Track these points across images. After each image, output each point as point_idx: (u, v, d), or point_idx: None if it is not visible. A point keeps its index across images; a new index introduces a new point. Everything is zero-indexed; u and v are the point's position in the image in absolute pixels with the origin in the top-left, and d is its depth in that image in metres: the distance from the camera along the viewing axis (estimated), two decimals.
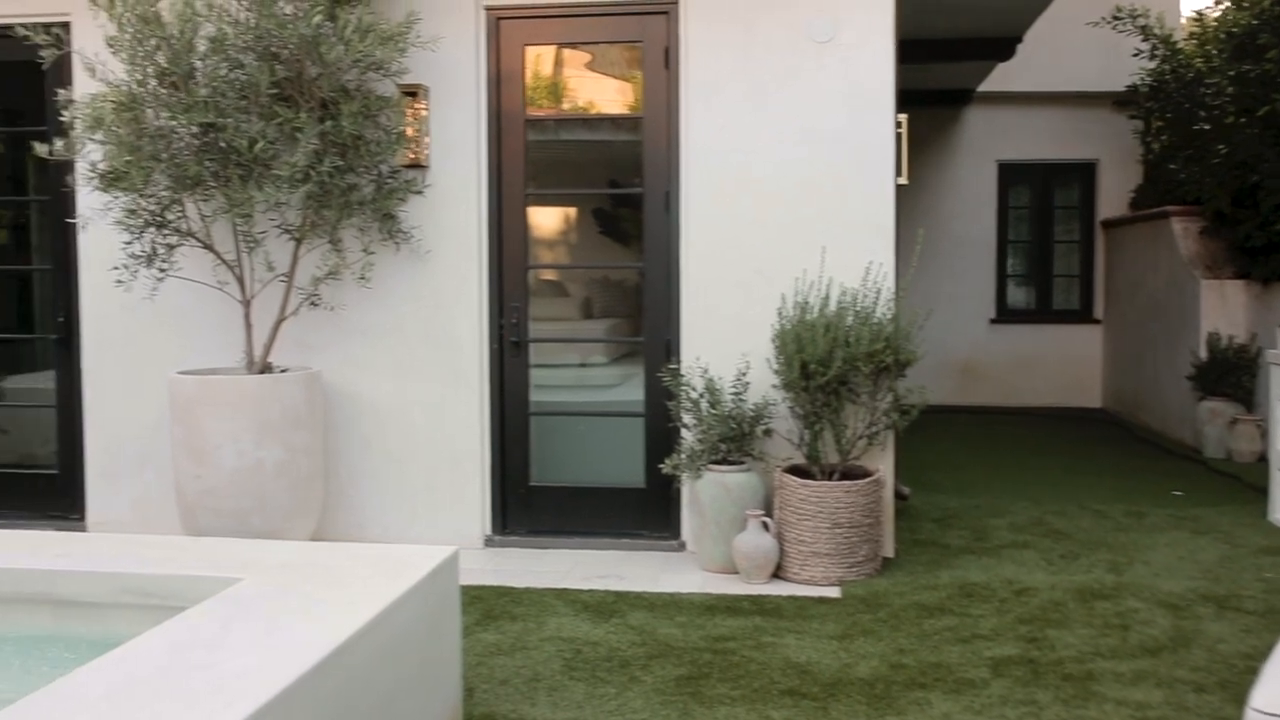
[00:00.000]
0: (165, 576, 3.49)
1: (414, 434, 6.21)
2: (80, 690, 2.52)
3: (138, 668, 2.66)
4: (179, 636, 2.90)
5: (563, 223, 6.63)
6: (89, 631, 3.50)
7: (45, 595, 3.54)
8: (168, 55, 5.35)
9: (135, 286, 6.08)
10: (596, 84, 6.46)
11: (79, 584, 3.53)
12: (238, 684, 2.51)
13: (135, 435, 6.44)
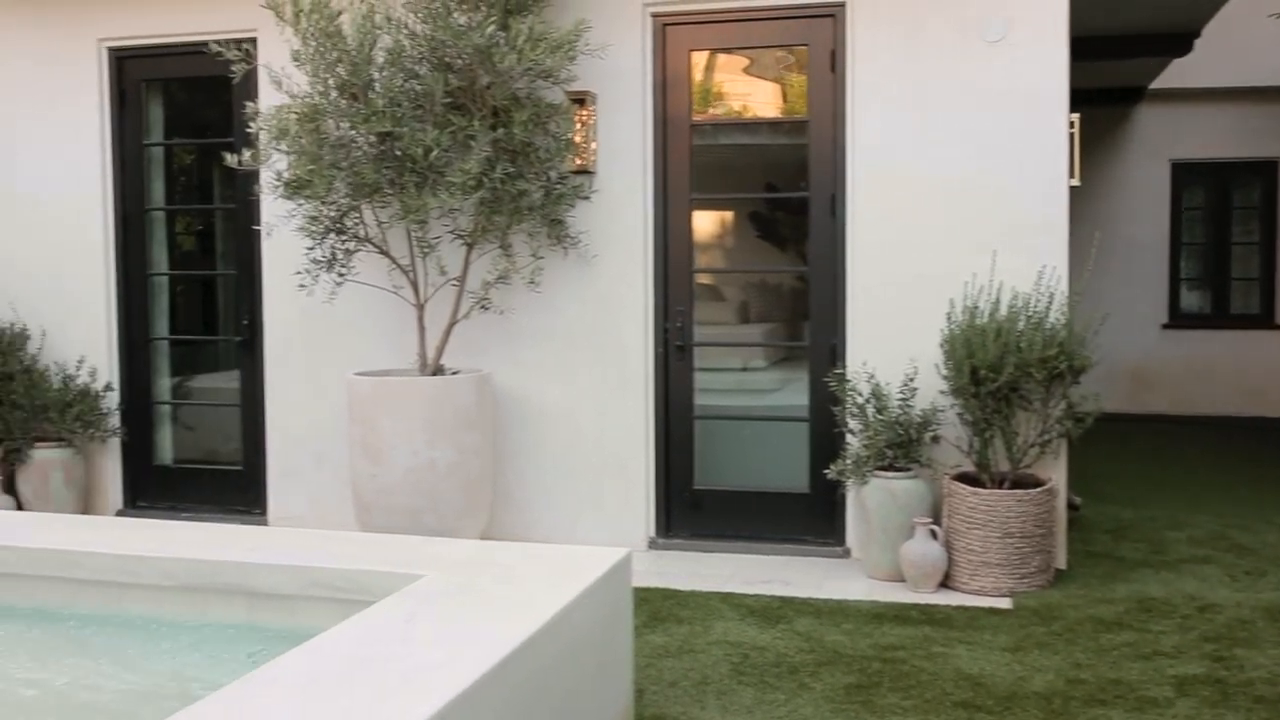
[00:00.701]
0: (351, 571, 3.61)
1: (580, 436, 6.30)
2: (281, 679, 2.62)
3: (332, 659, 2.76)
4: (368, 630, 3.00)
5: (719, 227, 6.65)
6: (279, 622, 3.64)
7: (240, 586, 3.69)
8: (348, 68, 5.54)
9: (315, 290, 6.31)
10: (756, 88, 6.47)
11: (271, 576, 3.67)
12: (426, 678, 2.58)
13: (313, 434, 6.68)
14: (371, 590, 3.47)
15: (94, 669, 3.52)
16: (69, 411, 6.91)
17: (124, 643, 3.68)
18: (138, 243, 7.18)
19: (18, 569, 3.90)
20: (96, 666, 3.54)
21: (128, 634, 3.70)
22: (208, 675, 3.43)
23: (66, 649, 3.66)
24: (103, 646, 3.67)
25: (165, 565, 3.74)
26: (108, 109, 7.10)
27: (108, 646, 3.67)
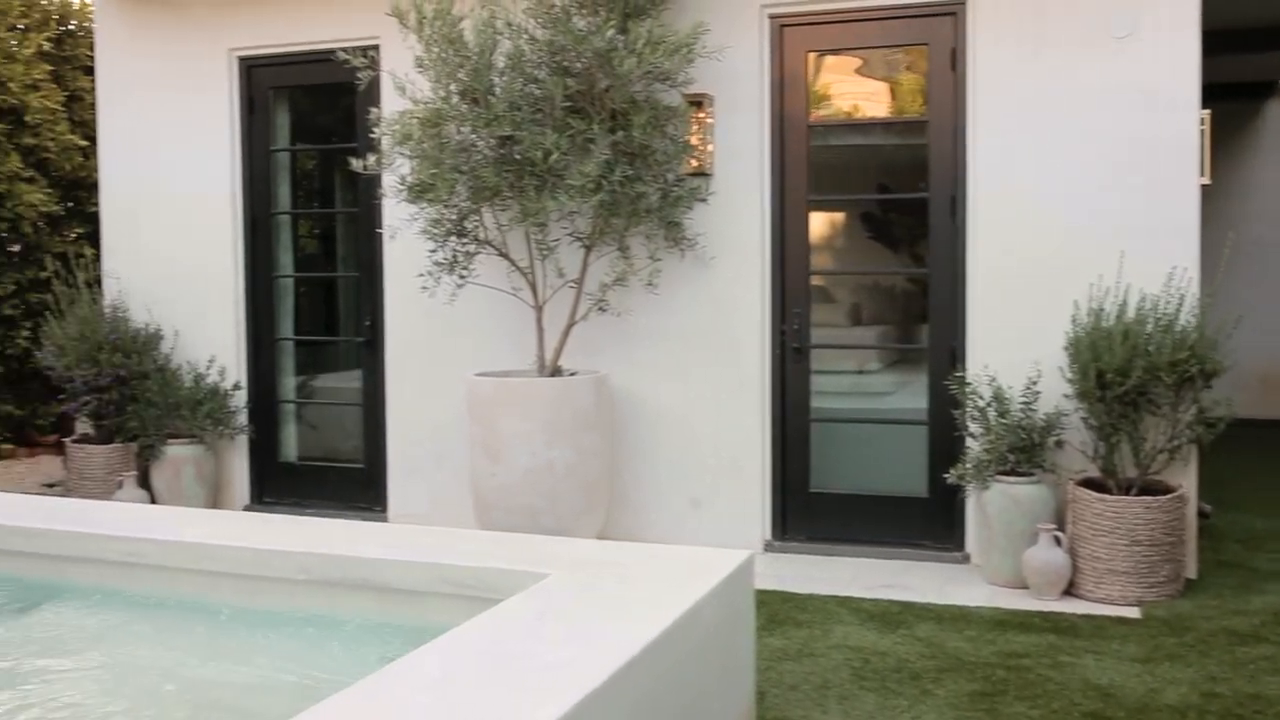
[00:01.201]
0: (479, 569, 3.66)
1: (695, 437, 6.32)
2: (415, 674, 2.68)
3: (464, 655, 2.80)
4: (498, 627, 3.04)
5: (829, 228, 6.60)
6: (408, 617, 3.71)
7: (370, 582, 3.77)
8: (469, 73, 5.63)
9: (437, 292, 6.41)
10: (869, 88, 6.41)
11: (401, 572, 3.75)
12: (557, 676, 2.61)
13: (433, 433, 6.80)
14: (498, 588, 3.52)
15: (230, 661, 3.63)
16: (200, 409, 7.13)
17: (259, 635, 3.78)
18: (265, 245, 7.38)
19: (157, 561, 4.03)
20: (233, 658, 3.65)
21: (262, 627, 3.80)
22: (340, 668, 3.51)
23: (203, 641, 3.77)
24: (239, 639, 3.78)
25: (300, 560, 3.84)
26: (237, 116, 7.31)
27: (243, 639, 3.77)
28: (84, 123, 10.03)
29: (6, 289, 9.37)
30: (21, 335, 9.51)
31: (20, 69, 9.26)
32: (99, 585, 4.06)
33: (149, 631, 3.89)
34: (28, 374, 9.68)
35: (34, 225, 9.49)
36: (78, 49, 10.10)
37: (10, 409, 9.63)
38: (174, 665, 3.60)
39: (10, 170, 9.18)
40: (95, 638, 3.85)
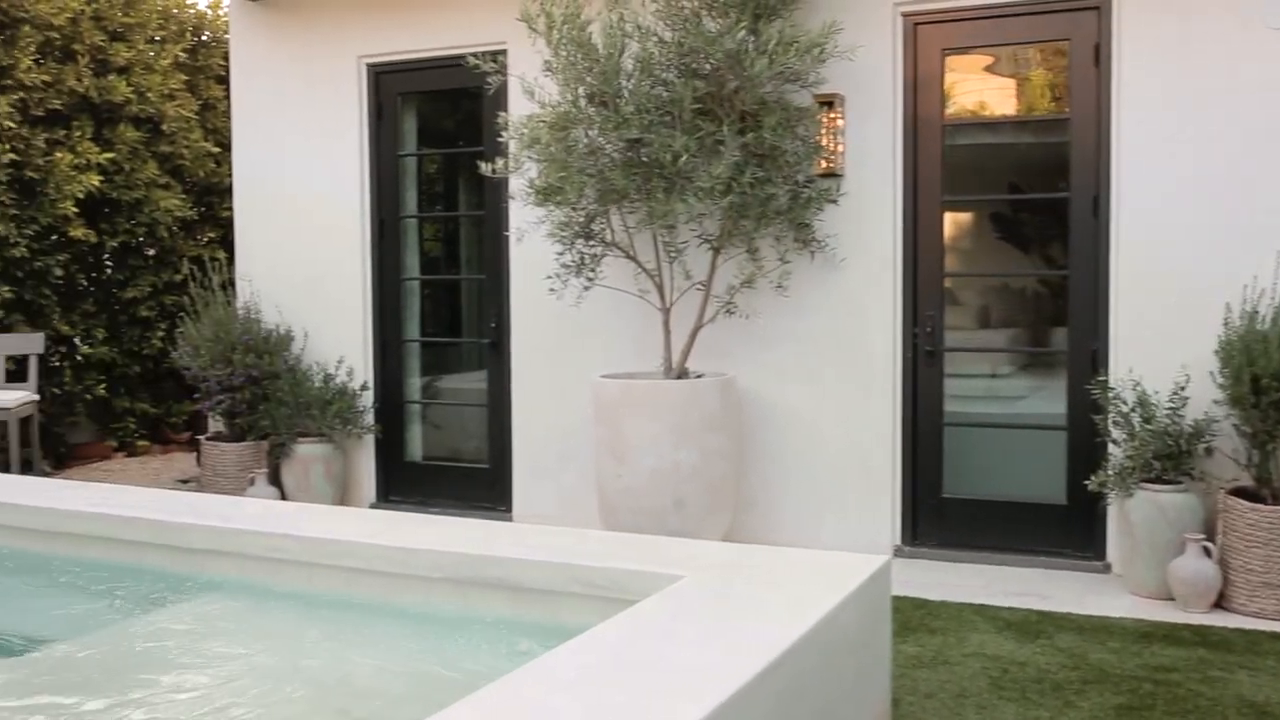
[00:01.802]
0: (611, 569, 3.63)
1: (824, 441, 6.23)
2: (553, 673, 2.66)
3: (600, 656, 2.78)
4: (633, 629, 3.01)
5: (955, 229, 6.45)
6: (541, 617, 3.70)
7: (504, 581, 3.77)
8: (598, 76, 5.62)
9: (564, 294, 6.43)
10: (997, 85, 6.26)
11: (534, 572, 3.74)
12: (695, 679, 2.57)
13: (558, 435, 6.82)
14: (630, 589, 3.49)
15: (368, 656, 3.66)
16: (329, 409, 7.25)
17: (394, 632, 3.81)
18: (392, 248, 7.49)
19: (297, 556, 4.09)
20: (371, 654, 3.68)
21: (399, 623, 3.83)
22: (474, 665, 3.52)
23: (342, 635, 3.81)
24: (376, 634, 3.81)
25: (434, 558, 3.85)
26: (366, 121, 7.43)
27: (380, 635, 3.81)
28: (216, 130, 10.31)
29: (143, 291, 9.66)
30: (157, 336, 9.80)
31: (158, 79, 9.55)
32: (240, 579, 4.13)
33: (288, 626, 3.95)
34: (163, 373, 9.98)
35: (169, 230, 9.77)
36: (211, 59, 10.38)
37: (146, 407, 9.93)
38: (313, 659, 3.64)
39: (147, 177, 9.47)
40: (236, 631, 3.92)
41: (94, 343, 9.37)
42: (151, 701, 3.22)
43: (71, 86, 8.90)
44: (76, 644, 3.73)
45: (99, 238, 9.30)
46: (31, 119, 8.69)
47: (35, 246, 8.72)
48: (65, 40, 8.97)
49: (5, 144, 8.36)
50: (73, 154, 8.81)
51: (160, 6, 9.90)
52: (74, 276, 9.29)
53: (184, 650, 3.68)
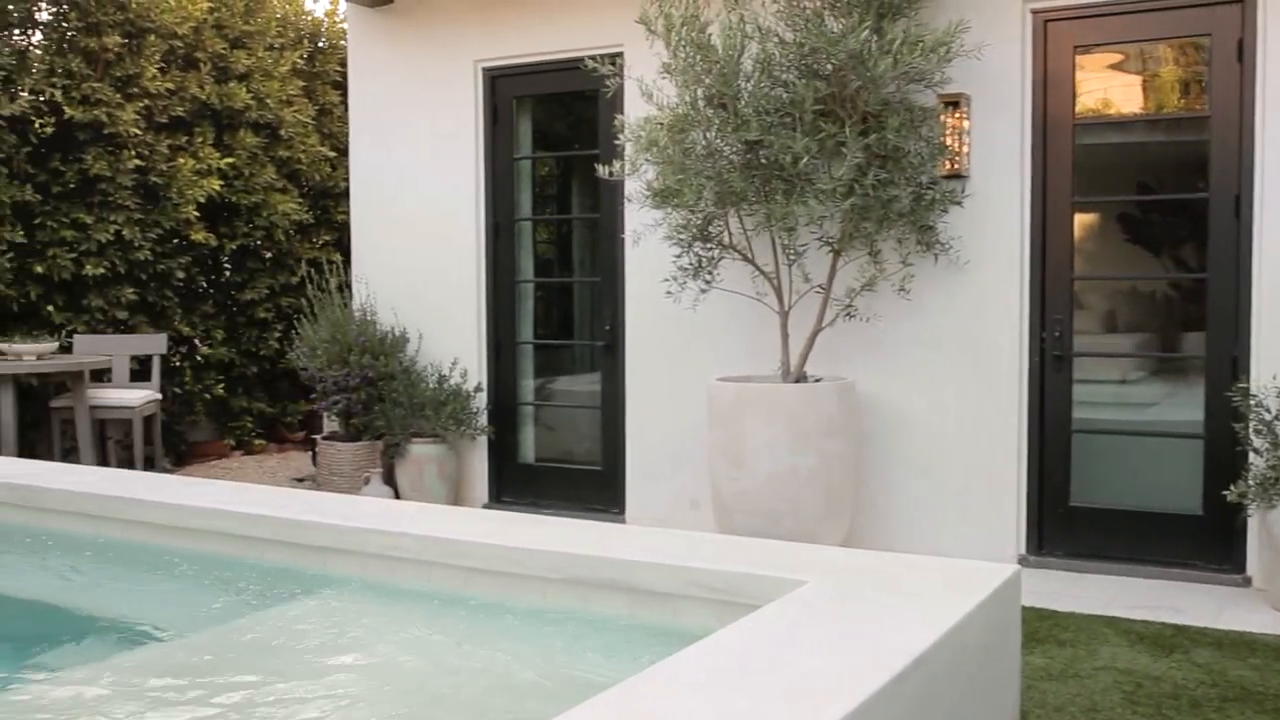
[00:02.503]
0: (731, 573, 3.57)
1: (946, 446, 6.09)
2: (678, 676, 2.60)
3: (726, 660, 2.72)
4: (757, 633, 2.94)
5: (1080, 230, 6.25)
6: (659, 620, 3.65)
7: (622, 583, 3.73)
8: (717, 78, 5.56)
9: (681, 297, 6.38)
10: (1124, 82, 6.06)
11: (651, 574, 3.69)
12: (822, 685, 2.50)
13: (671, 437, 6.77)
14: (750, 593, 3.42)
15: (487, 655, 3.65)
16: (443, 410, 7.29)
17: (512, 631, 3.79)
18: (506, 251, 7.51)
19: (415, 555, 4.09)
20: (490, 653, 3.66)
21: (517, 623, 3.81)
22: (594, 667, 3.49)
23: (460, 634, 3.81)
24: (493, 634, 3.79)
25: (553, 559, 3.82)
26: (481, 125, 7.47)
27: (497, 634, 3.79)
28: (332, 135, 10.48)
29: (260, 293, 9.85)
30: (273, 337, 9.99)
31: (276, 85, 9.73)
32: (360, 577, 4.14)
33: (406, 624, 3.95)
34: (278, 374, 10.16)
35: (285, 233, 9.95)
36: (327, 65, 10.56)
37: (263, 407, 10.12)
38: (432, 657, 3.65)
39: (266, 181, 9.66)
40: (355, 628, 3.93)
41: (213, 343, 9.58)
42: (270, 695, 3.25)
43: (194, 93, 9.11)
44: (200, 637, 3.78)
45: (219, 241, 9.50)
46: (156, 125, 8.91)
47: (158, 250, 8.94)
48: (188, 48, 9.19)
49: (131, 150, 8.58)
50: (195, 159, 9.02)
51: (279, 14, 10.10)
52: (194, 279, 9.51)
53: (303, 646, 3.70)
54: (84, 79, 8.34)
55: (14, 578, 4.49)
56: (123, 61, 8.60)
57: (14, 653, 3.73)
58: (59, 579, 4.45)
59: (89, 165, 8.34)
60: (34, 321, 8.38)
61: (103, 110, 8.35)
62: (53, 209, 8.33)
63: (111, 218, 8.51)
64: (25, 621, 4.14)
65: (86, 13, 8.39)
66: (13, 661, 3.61)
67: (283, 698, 3.23)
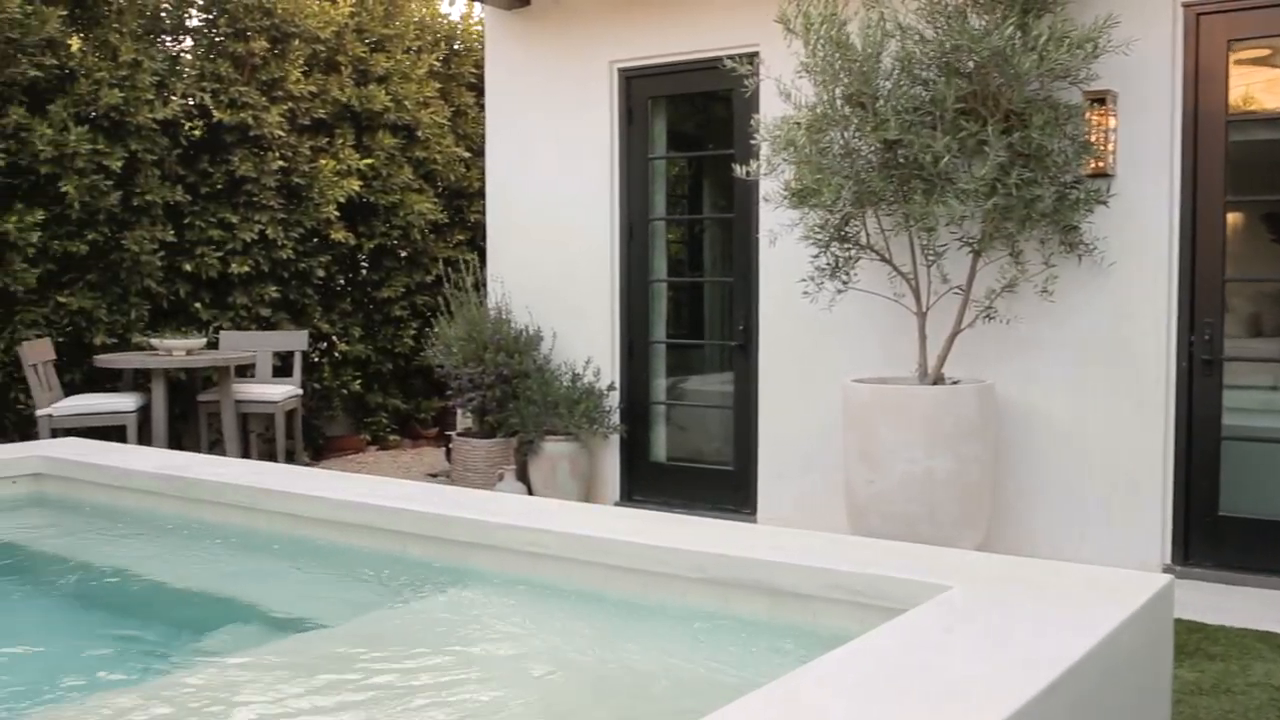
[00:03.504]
0: (874, 576, 3.54)
1: (1087, 452, 5.95)
2: (827, 679, 2.60)
3: (875, 663, 2.70)
4: (904, 638, 2.92)
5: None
6: (800, 621, 3.64)
7: (763, 583, 3.73)
8: (856, 77, 5.52)
9: (818, 297, 6.35)
10: (1270, 77, 5.85)
11: (795, 576, 3.68)
12: (973, 692, 2.47)
13: (803, 438, 6.74)
14: (894, 597, 3.40)
15: (629, 652, 3.68)
16: (576, 408, 7.36)
17: (653, 630, 3.82)
18: (640, 251, 7.56)
19: (556, 551, 4.14)
20: (628, 651, 3.69)
21: (656, 621, 3.83)
22: (736, 667, 3.50)
23: (602, 631, 3.84)
24: (634, 632, 3.82)
25: (695, 558, 3.84)
26: (616, 125, 7.52)
27: (638, 632, 3.82)
28: (467, 136, 10.66)
29: (396, 292, 10.06)
30: (408, 334, 10.19)
31: (414, 88, 9.93)
32: (500, 573, 4.21)
33: (547, 620, 4.00)
34: (412, 371, 10.37)
35: (421, 232, 10.14)
36: (462, 67, 10.74)
37: (397, 403, 10.34)
38: (573, 653, 3.68)
39: (403, 181, 9.86)
40: (496, 622, 3.99)
41: (350, 340, 9.81)
42: (417, 685, 3.31)
43: (335, 96, 9.35)
44: (347, 627, 3.88)
45: (357, 240, 9.73)
46: (299, 128, 9.16)
47: (300, 248, 9.19)
48: (330, 52, 9.43)
49: (275, 152, 8.83)
50: (335, 160, 9.25)
51: (417, 18, 10.30)
52: (333, 277, 9.75)
53: (446, 639, 3.77)
54: (232, 83, 8.61)
55: (170, 566, 4.66)
56: (268, 66, 8.86)
57: (171, 639, 3.88)
58: (212, 568, 4.61)
59: (236, 166, 8.62)
60: (182, 318, 8.69)
61: (249, 113, 8.62)
62: (201, 209, 8.62)
63: (256, 217, 8.77)
64: (182, 608, 4.29)
65: (235, 19, 8.67)
66: (170, 647, 3.76)
67: (429, 688, 3.30)
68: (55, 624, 3.95)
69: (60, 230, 7.82)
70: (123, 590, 4.37)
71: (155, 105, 8.11)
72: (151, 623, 4.11)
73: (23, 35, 7.42)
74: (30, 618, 3.87)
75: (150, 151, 8.18)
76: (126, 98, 7.94)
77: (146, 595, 4.37)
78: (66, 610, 4.14)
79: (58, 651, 3.61)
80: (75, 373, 8.14)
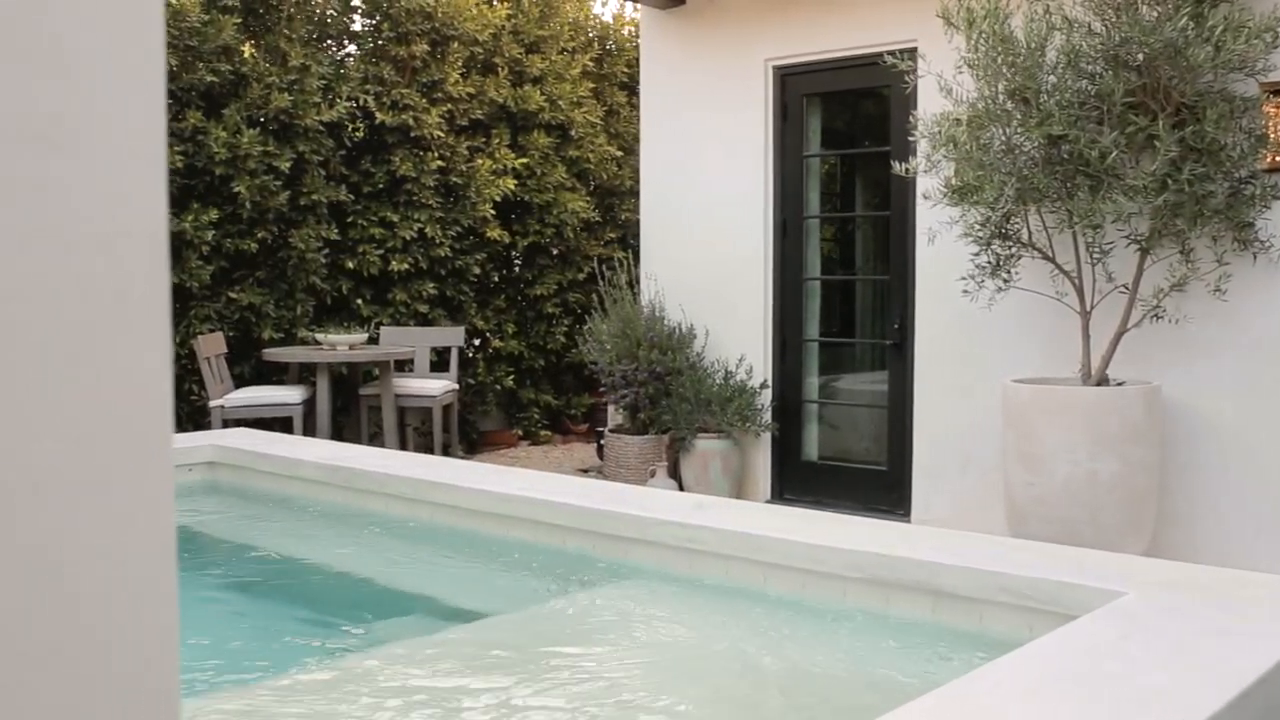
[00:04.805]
0: (1043, 580, 3.48)
1: (1262, 458, 5.74)
2: (1005, 682, 2.57)
3: (1050, 669, 2.66)
4: (1080, 644, 2.87)
5: None
6: (964, 624, 3.60)
7: (925, 585, 3.70)
8: (1020, 72, 5.42)
9: (978, 296, 6.25)
10: None
11: (958, 578, 3.64)
12: (1156, 701, 2.42)
13: (959, 438, 6.64)
14: (1064, 603, 3.34)
15: (785, 652, 3.68)
16: (729, 406, 7.38)
17: (812, 628, 3.82)
18: (794, 249, 7.53)
19: (714, 548, 4.17)
20: (787, 649, 3.70)
21: (815, 620, 3.83)
22: (896, 669, 3.48)
23: (758, 630, 3.85)
24: (792, 631, 3.83)
25: (855, 557, 3.83)
26: (771, 123, 7.51)
27: (797, 631, 3.82)
28: (619, 135, 10.76)
29: (549, 289, 10.21)
30: (560, 331, 10.33)
31: (567, 88, 10.07)
32: (658, 568, 4.26)
33: (705, 616, 4.03)
34: (563, 367, 10.51)
35: (574, 230, 10.28)
36: (615, 66, 10.85)
37: (549, 399, 10.49)
38: (730, 650, 3.71)
39: (556, 180, 10.00)
40: (654, 617, 4.04)
41: (504, 336, 9.99)
42: (579, 677, 3.37)
43: (492, 97, 9.53)
44: (509, 618, 3.97)
45: (511, 238, 9.90)
46: (456, 128, 9.37)
47: (456, 246, 9.39)
48: (487, 54, 9.62)
49: (434, 152, 9.05)
50: (491, 160, 9.43)
51: (570, 19, 10.44)
52: (489, 274, 9.94)
53: (606, 632, 3.83)
54: (393, 85, 8.85)
55: (335, 553, 4.83)
56: (428, 68, 9.09)
57: (339, 623, 4.01)
58: (376, 557, 4.76)
59: (396, 167, 8.86)
60: (344, 314, 8.97)
61: (410, 114, 8.84)
62: (363, 208, 8.88)
63: (415, 216, 9.00)
64: (347, 594, 4.44)
65: (397, 23, 8.91)
66: (337, 632, 3.89)
67: (590, 679, 3.35)
68: (227, 606, 4.13)
69: (232, 229, 8.15)
70: (291, 575, 4.55)
71: (321, 108, 8.38)
72: (319, 607, 4.26)
73: (200, 43, 7.75)
74: (204, 598, 4.05)
75: (316, 152, 8.46)
76: (295, 101, 8.23)
77: (314, 580, 4.54)
78: (237, 593, 4.32)
79: (231, 632, 3.77)
80: (244, 366, 8.46)
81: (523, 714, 2.99)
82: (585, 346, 8.03)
